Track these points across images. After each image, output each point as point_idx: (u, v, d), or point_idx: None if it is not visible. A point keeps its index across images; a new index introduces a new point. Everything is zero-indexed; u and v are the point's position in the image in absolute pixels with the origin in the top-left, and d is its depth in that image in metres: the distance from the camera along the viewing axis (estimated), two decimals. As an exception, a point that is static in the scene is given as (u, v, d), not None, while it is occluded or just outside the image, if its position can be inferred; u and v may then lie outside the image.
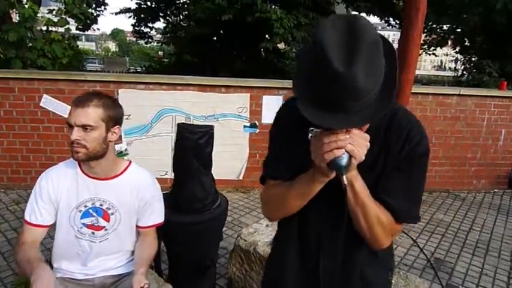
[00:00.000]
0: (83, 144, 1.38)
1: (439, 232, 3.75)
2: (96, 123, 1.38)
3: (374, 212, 0.92)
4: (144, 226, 1.62)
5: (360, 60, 0.72)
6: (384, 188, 0.94)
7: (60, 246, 1.55)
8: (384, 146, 0.94)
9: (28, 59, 4.92)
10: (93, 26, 11.19)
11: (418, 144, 0.93)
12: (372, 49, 0.74)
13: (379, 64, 0.77)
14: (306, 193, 0.95)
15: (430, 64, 64.90)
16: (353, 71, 0.71)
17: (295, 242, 1.10)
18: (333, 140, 0.79)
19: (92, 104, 1.38)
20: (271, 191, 1.08)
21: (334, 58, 0.72)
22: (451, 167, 4.99)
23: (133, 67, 20.32)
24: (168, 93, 4.28)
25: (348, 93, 0.74)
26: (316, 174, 0.89)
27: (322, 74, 0.74)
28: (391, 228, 0.96)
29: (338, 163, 0.80)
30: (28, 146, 4.30)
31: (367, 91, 0.75)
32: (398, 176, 0.93)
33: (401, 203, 0.94)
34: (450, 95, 4.79)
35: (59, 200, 1.50)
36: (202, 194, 2.15)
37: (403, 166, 0.93)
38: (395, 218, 0.95)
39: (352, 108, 0.76)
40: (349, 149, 0.80)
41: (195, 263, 2.23)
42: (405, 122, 0.95)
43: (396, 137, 0.93)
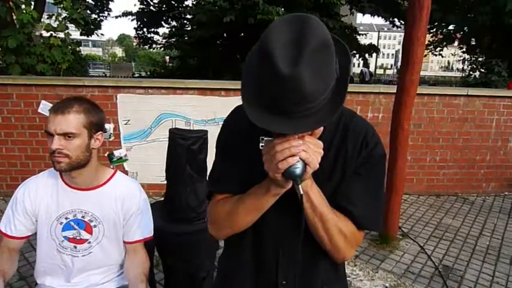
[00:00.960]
0: (64, 154, 1.29)
1: (447, 238, 3.62)
2: (78, 130, 1.30)
3: (333, 221, 0.87)
4: (130, 241, 1.51)
5: (307, 61, 0.67)
6: (343, 194, 0.91)
7: (42, 260, 1.48)
8: (341, 152, 0.91)
9: (27, 64, 4.89)
10: (97, 31, 11.27)
11: (375, 148, 0.92)
12: (321, 51, 0.69)
13: (330, 68, 0.72)
14: (259, 207, 0.89)
15: (438, 65, 64.50)
16: (298, 72, 0.67)
17: (248, 260, 1.01)
18: (286, 147, 0.75)
19: (72, 110, 1.29)
20: (218, 208, 0.98)
21: (279, 59, 0.67)
22: (459, 169, 4.85)
23: (138, 72, 20.44)
24: (167, 97, 4.21)
25: (295, 96, 0.69)
26: (270, 185, 0.84)
27: (268, 75, 0.70)
28: (354, 237, 0.92)
29: (293, 172, 0.76)
30: (27, 152, 4.26)
31: (315, 95, 0.70)
32: (358, 181, 0.91)
33: (363, 209, 0.91)
34: (457, 95, 4.66)
35: (37, 213, 1.42)
36: (195, 203, 2.06)
37: (361, 170, 0.91)
38: (358, 226, 0.91)
39: (300, 112, 0.72)
40: (304, 157, 0.75)
41: (190, 274, 2.14)
42: (360, 128, 0.93)
43: (353, 142, 0.91)
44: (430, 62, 63.82)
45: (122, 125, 4.23)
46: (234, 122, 1.00)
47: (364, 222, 0.92)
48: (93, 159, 1.41)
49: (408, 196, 4.64)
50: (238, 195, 0.93)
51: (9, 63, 4.90)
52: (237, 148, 0.96)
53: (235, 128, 0.98)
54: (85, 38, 12.18)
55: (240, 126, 0.94)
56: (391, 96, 4.06)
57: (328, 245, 0.90)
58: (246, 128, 0.89)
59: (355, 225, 0.91)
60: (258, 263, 1.00)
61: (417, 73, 3.03)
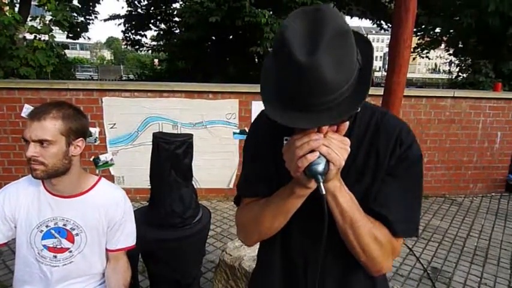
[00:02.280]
0: (40, 161, 1.24)
1: (435, 239, 3.63)
2: (54, 138, 1.25)
3: (367, 229, 0.79)
4: (113, 249, 1.48)
5: (325, 48, 0.64)
6: (376, 198, 0.83)
7: (20, 269, 1.42)
8: (372, 152, 0.84)
9: (10, 67, 4.79)
10: (84, 34, 11.14)
11: (410, 147, 0.84)
12: (339, 39, 0.66)
13: (349, 57, 0.69)
14: (285, 210, 0.83)
15: (425, 67, 65.42)
16: (317, 60, 0.64)
17: (278, 268, 0.96)
18: (305, 142, 0.71)
19: (48, 116, 1.24)
20: (245, 212, 0.95)
21: (296, 48, 0.65)
22: (446, 171, 4.89)
23: (127, 75, 20.28)
24: (154, 100, 4.16)
25: (315, 87, 0.66)
26: (295, 186, 0.79)
27: (287, 68, 0.67)
28: (391, 246, 0.83)
29: (313, 169, 0.71)
30: (10, 157, 4.18)
31: (336, 85, 0.67)
32: (392, 184, 0.83)
33: (399, 213, 0.82)
34: (444, 97, 4.70)
35: (17, 219, 1.37)
36: (181, 208, 2.02)
37: (396, 172, 0.83)
38: (394, 233, 0.83)
39: (321, 105, 0.68)
40: (325, 152, 0.71)
41: (175, 281, 2.09)
42: (393, 125, 0.86)
43: (385, 141, 0.84)
44: (417, 65, 64.65)
45: (108, 129, 4.16)
46: (259, 126, 0.97)
47: (401, 229, 0.83)
48: (74, 166, 1.35)
49: (397, 198, 4.65)
50: (265, 199, 0.88)
51: (-10, 67, 4.80)
52: (262, 152, 0.93)
53: (261, 132, 0.95)
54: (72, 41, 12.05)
55: (266, 129, 0.92)
56: (378, 99, 4.05)
57: (362, 254, 0.81)
58: (272, 131, 0.87)
59: (391, 232, 0.83)
60: (288, 270, 0.95)
61: (404, 75, 3.03)
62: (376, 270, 0.85)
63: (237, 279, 2.21)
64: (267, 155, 0.91)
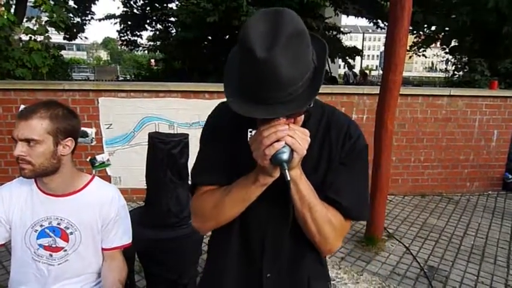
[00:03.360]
0: (27, 160, 1.24)
1: (432, 238, 3.63)
2: (41, 137, 1.24)
3: (322, 212, 0.89)
4: (108, 248, 1.48)
5: (281, 46, 0.71)
6: (330, 186, 0.93)
7: (16, 269, 1.43)
8: (325, 145, 0.94)
9: (5, 69, 4.77)
10: (80, 35, 11.10)
11: (358, 140, 0.95)
12: (296, 38, 0.73)
13: (305, 56, 0.76)
14: (246, 198, 0.90)
15: (422, 66, 65.62)
16: (274, 56, 0.70)
17: (235, 251, 1.01)
18: (272, 132, 0.77)
19: (36, 115, 1.24)
20: (203, 200, 0.98)
21: (256, 45, 0.71)
22: (443, 169, 4.90)
23: (124, 75, 20.24)
24: (150, 100, 4.15)
25: (271, 81, 0.73)
26: (258, 175, 0.85)
27: (247, 62, 0.74)
28: (342, 227, 0.94)
29: (279, 157, 0.77)
30: (6, 158, 4.15)
31: (291, 80, 0.74)
32: (344, 172, 0.93)
33: (350, 199, 0.93)
34: (440, 96, 4.71)
35: (11, 220, 1.37)
36: (177, 208, 2.02)
37: (346, 161, 0.94)
38: (345, 216, 0.93)
39: (277, 99, 0.75)
40: (290, 142, 0.77)
41: (172, 281, 2.09)
42: (342, 121, 0.97)
43: (336, 135, 0.94)
44: (414, 63, 64.88)
45: (104, 129, 4.14)
46: (217, 117, 1.03)
47: (352, 212, 0.94)
48: (65, 165, 1.35)
49: (393, 197, 4.66)
50: (224, 187, 0.93)
51: (-14, 68, 4.78)
52: (221, 142, 0.98)
53: (219, 123, 1.00)
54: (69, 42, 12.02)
55: (224, 120, 0.98)
56: (375, 97, 4.07)
57: (317, 236, 0.91)
58: (230, 123, 0.94)
59: (343, 216, 0.93)
60: (244, 254, 1.01)
61: (400, 73, 3.04)
62: (328, 249, 0.96)
63: (234, 279, 2.21)
64: (226, 145, 0.96)
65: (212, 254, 1.14)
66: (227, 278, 1.03)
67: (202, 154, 1.04)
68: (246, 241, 1.00)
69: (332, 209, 0.92)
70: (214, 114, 1.04)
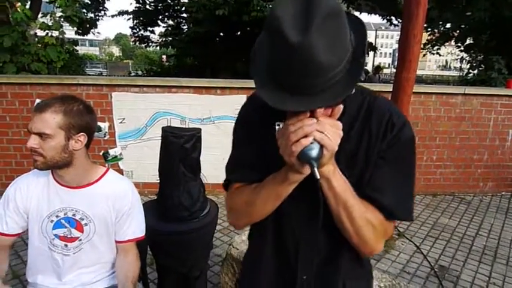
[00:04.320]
0: (39, 153, 1.27)
1: (443, 238, 3.60)
2: (52, 131, 1.26)
3: (360, 212, 0.81)
4: (122, 240, 1.50)
5: (317, 28, 0.63)
6: (369, 182, 0.84)
7: (33, 258, 1.46)
8: (363, 136, 0.84)
9: (22, 63, 4.86)
10: (93, 30, 11.23)
11: (401, 130, 0.83)
12: (332, 19, 0.65)
13: (342, 38, 0.68)
14: (277, 196, 0.84)
15: (435, 64, 64.65)
16: (309, 40, 0.63)
17: (270, 252, 0.98)
18: (298, 127, 0.70)
19: (50, 109, 1.26)
20: (237, 196, 0.95)
21: (288, 29, 0.64)
22: (456, 169, 4.84)
23: (135, 71, 20.41)
24: (162, 95, 4.19)
25: (307, 68, 0.65)
26: (288, 172, 0.79)
27: (278, 48, 0.66)
28: (383, 228, 0.85)
29: (307, 154, 0.71)
30: (22, 151, 4.24)
31: (329, 66, 0.66)
32: (385, 167, 0.83)
33: (391, 197, 0.83)
34: (455, 94, 4.64)
35: (29, 210, 1.41)
36: (189, 202, 2.03)
37: (388, 155, 0.83)
38: (386, 216, 0.84)
39: (315, 87, 0.68)
40: (319, 138, 0.70)
41: (183, 273, 2.11)
42: (384, 108, 0.85)
43: (377, 124, 0.84)
44: (428, 61, 63.94)
45: (117, 124, 4.20)
46: (248, 111, 0.97)
47: (393, 212, 0.84)
48: (78, 159, 1.37)
49: (405, 195, 4.62)
50: (256, 184, 0.89)
51: (3, 62, 4.87)
52: (252, 136, 0.93)
53: (250, 116, 0.95)
54: (81, 37, 12.17)
55: (255, 114, 0.92)
56: (387, 95, 4.03)
57: (355, 237, 0.83)
58: (262, 116, 0.86)
59: (384, 216, 0.84)
60: (279, 255, 0.97)
61: (414, 71, 3.01)
62: (368, 251, 0.87)
63: (243, 273, 2.23)
64: (257, 140, 0.90)
65: (250, 254, 1.12)
66: (263, 279, 1.00)
67: (234, 150, 1.00)
68: (280, 242, 0.96)
69: (372, 208, 0.83)
70: (245, 108, 0.99)
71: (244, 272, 1.16)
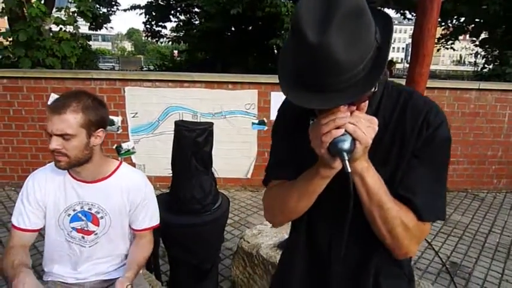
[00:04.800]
0: (63, 153, 1.28)
1: (455, 234, 3.57)
2: (75, 131, 1.27)
3: (394, 211, 0.78)
4: (138, 229, 1.55)
5: (335, 27, 0.63)
6: (402, 181, 0.81)
7: (50, 249, 1.49)
8: (398, 134, 0.82)
9: (37, 58, 4.94)
10: (106, 25, 11.33)
11: (438, 129, 0.80)
12: (353, 17, 0.65)
13: (364, 36, 0.67)
14: (310, 191, 0.83)
15: (449, 59, 63.52)
16: (327, 40, 0.63)
17: (303, 248, 0.99)
18: (331, 119, 0.70)
19: (69, 109, 1.26)
20: (272, 194, 0.97)
21: (308, 28, 0.65)
22: (469, 165, 4.77)
23: (147, 66, 20.53)
24: (174, 90, 4.22)
25: (327, 67, 0.66)
26: (319, 167, 0.78)
27: (300, 47, 0.67)
28: (418, 230, 0.82)
29: (338, 145, 0.69)
30: (37, 144, 4.32)
31: (349, 64, 0.66)
32: (418, 167, 0.81)
33: (425, 197, 0.80)
34: (469, 89, 4.57)
35: (47, 203, 1.43)
36: (201, 195, 2.06)
37: (422, 154, 0.81)
38: (419, 217, 0.81)
39: (335, 85, 0.68)
40: (351, 130, 0.70)
41: (194, 266, 2.14)
42: (422, 105, 0.82)
43: (412, 122, 0.81)
44: (441, 56, 62.85)
45: (130, 118, 4.25)
46: (286, 109, 0.98)
47: (426, 213, 0.81)
48: (96, 155, 1.40)
49: (417, 191, 4.58)
50: (291, 181, 0.89)
51: (19, 57, 4.96)
52: (289, 134, 0.93)
53: (287, 114, 0.96)
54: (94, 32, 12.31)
55: (292, 112, 0.92)
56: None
57: (388, 237, 0.81)
58: (298, 115, 0.87)
59: (417, 217, 0.81)
60: (311, 251, 0.97)
61: (427, 66, 2.96)
62: (402, 253, 0.85)
63: (254, 266, 2.25)
64: (294, 139, 0.91)
65: (287, 249, 1.13)
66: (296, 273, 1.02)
67: (272, 147, 1.02)
68: (313, 236, 0.97)
69: (406, 208, 0.80)
70: (281, 110, 0.99)
71: (279, 266, 1.17)
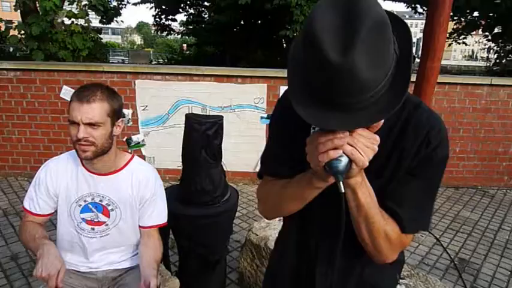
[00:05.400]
0: (91, 141, 1.31)
1: (464, 231, 3.55)
2: (103, 119, 1.31)
3: (379, 225, 0.80)
4: (145, 226, 1.55)
5: (360, 46, 0.58)
6: (392, 195, 0.82)
7: (62, 239, 1.53)
8: (397, 147, 0.81)
9: (49, 51, 5.00)
10: (116, 19, 11.38)
11: (437, 148, 0.79)
12: (376, 32, 0.60)
13: (387, 50, 0.63)
14: (302, 197, 0.85)
15: (461, 54, 62.52)
16: (351, 60, 0.58)
17: (293, 244, 1.02)
18: (329, 139, 0.68)
19: (97, 98, 1.30)
20: (267, 189, 0.98)
21: (328, 46, 0.59)
22: (480, 161, 4.73)
23: (156, 59, 20.60)
24: (184, 84, 4.24)
25: (348, 87, 0.61)
26: (313, 178, 0.78)
27: (317, 65, 0.62)
28: (399, 241, 0.84)
29: (334, 167, 0.68)
30: (49, 136, 4.40)
31: (372, 84, 0.62)
32: (411, 183, 0.81)
33: (411, 212, 0.82)
34: (480, 85, 4.51)
35: (58, 193, 1.46)
36: (210, 187, 2.09)
37: (417, 172, 0.80)
38: (403, 229, 0.83)
39: (357, 104, 0.64)
40: (349, 152, 0.67)
41: (203, 257, 2.18)
42: (425, 122, 0.80)
43: (412, 138, 0.80)
44: (453, 51, 61.83)
45: (140, 111, 4.29)
46: (286, 105, 0.94)
47: (410, 226, 0.83)
48: (114, 145, 1.43)
49: (425, 187, 4.56)
50: (285, 180, 0.88)
51: (32, 50, 5.03)
52: (287, 132, 0.91)
53: (287, 112, 0.92)
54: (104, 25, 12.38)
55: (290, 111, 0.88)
56: (410, 85, 3.95)
57: (370, 246, 0.83)
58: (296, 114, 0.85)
59: (401, 229, 0.83)
60: (301, 248, 1.00)
61: (438, 60, 2.94)
62: (381, 260, 0.87)
63: (262, 258, 2.28)
64: (291, 137, 0.89)
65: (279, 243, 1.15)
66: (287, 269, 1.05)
67: (269, 142, 1.00)
68: (303, 236, 0.99)
69: (391, 221, 0.82)
70: (283, 100, 0.96)
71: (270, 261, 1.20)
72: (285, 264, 1.05)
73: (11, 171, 4.48)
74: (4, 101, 4.26)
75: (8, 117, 4.32)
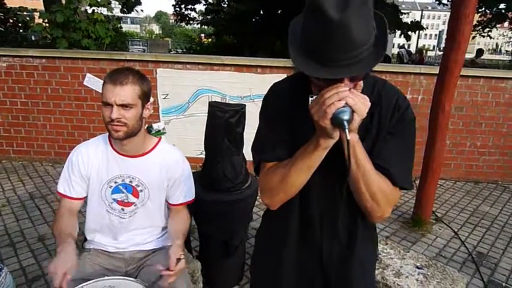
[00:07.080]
0: (123, 122, 1.37)
1: (483, 225, 3.52)
2: (135, 101, 1.37)
3: (376, 179, 0.92)
4: (175, 204, 1.64)
5: (354, 8, 0.72)
6: (378, 153, 0.96)
7: (92, 219, 1.60)
8: (375, 114, 0.96)
9: (73, 39, 5.11)
10: (136, 8, 11.49)
11: (406, 111, 0.98)
12: (365, 3, 0.75)
13: (370, 20, 0.79)
14: (310, 164, 0.92)
15: (485, 47, 60.58)
16: (348, 17, 0.72)
17: (296, 223, 1.09)
18: (333, 92, 0.79)
19: (129, 81, 1.36)
20: (270, 175, 1.01)
21: (327, 4, 0.73)
22: (501, 156, 4.64)
23: (175, 49, 20.70)
24: (205, 73, 4.29)
25: (342, 43, 0.75)
26: (319, 138, 0.87)
27: (317, 22, 0.75)
28: (392, 194, 0.96)
29: (340, 116, 0.79)
30: (73, 122, 4.53)
31: (360, 42, 0.76)
32: (392, 141, 0.96)
33: (398, 167, 0.96)
34: (504, 78, 4.40)
35: (90, 175, 1.53)
36: (232, 174, 2.14)
37: (395, 131, 0.96)
38: (394, 183, 0.96)
39: (346, 60, 0.77)
40: (351, 102, 0.79)
41: (223, 241, 2.24)
42: (393, 92, 1.00)
43: (386, 105, 0.97)
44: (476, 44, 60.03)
45: (161, 99, 4.37)
46: (274, 95, 1.06)
47: (398, 180, 0.96)
48: (143, 128, 1.49)
49: (444, 181, 4.52)
50: (287, 160, 0.97)
51: (56, 38, 5.14)
52: (280, 118, 1.01)
53: (277, 101, 1.04)
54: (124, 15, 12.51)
55: (281, 98, 1.03)
56: (432, 78, 3.91)
57: (369, 200, 0.94)
58: (288, 98, 1.00)
59: (392, 183, 0.95)
60: (305, 225, 1.07)
61: (463, 53, 2.90)
62: (379, 216, 0.98)
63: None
64: (287, 119, 0.99)
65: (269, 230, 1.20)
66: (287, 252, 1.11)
67: (263, 132, 1.07)
68: (306, 211, 1.06)
69: (383, 176, 0.94)
70: (271, 94, 1.07)
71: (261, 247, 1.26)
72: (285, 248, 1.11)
73: (36, 157, 4.64)
74: (30, 88, 4.40)
75: (33, 103, 4.46)
